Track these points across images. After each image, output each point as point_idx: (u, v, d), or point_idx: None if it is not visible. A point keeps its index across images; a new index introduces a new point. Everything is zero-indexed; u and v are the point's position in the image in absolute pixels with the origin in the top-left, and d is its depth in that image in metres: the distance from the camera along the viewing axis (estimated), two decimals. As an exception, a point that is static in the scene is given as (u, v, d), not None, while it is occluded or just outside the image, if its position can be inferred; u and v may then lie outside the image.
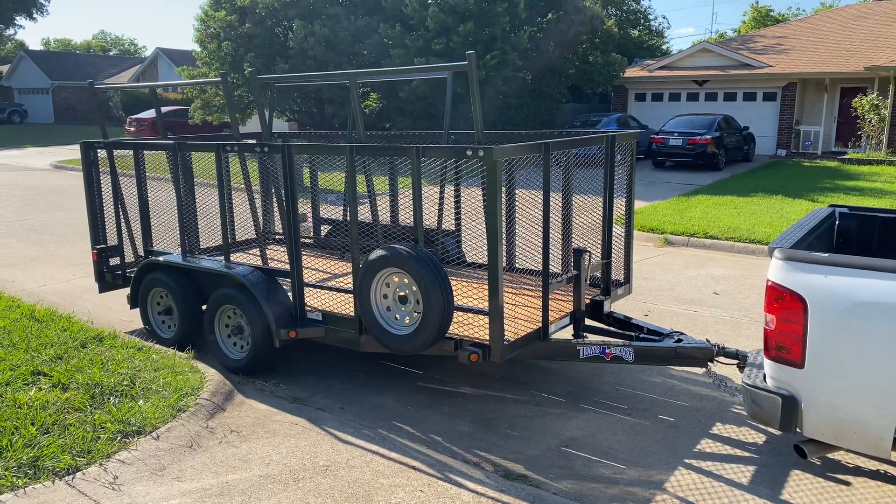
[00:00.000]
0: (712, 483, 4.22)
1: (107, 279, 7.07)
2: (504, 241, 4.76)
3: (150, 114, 31.86)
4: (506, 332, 4.64)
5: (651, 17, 33.72)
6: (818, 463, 4.41)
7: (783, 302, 3.64)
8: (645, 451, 4.59)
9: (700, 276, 9.25)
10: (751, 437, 4.78)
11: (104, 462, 3.90)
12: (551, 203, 4.95)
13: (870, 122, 21.40)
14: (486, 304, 4.58)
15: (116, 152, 6.97)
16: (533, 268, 5.50)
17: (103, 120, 7.18)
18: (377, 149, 5.22)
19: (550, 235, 4.95)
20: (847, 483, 4.20)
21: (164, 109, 32.46)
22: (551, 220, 4.98)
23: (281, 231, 7.64)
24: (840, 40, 25.75)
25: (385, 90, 24.99)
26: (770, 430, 4.85)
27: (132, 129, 31.27)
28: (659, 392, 5.52)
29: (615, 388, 5.60)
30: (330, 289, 5.51)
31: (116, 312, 7.39)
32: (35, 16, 48.18)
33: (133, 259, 7.05)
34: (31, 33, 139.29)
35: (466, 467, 4.33)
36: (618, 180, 5.75)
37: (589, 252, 5.31)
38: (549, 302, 5.03)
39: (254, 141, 7.49)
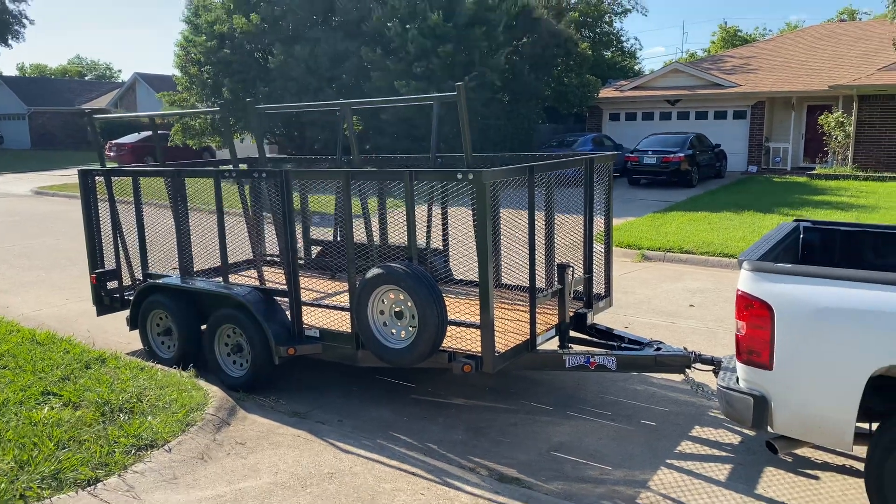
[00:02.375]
0: (692, 481, 4.52)
1: (104, 302, 7.26)
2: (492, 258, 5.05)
3: (130, 139, 31.94)
4: (496, 344, 4.93)
5: (623, 38, 34.60)
6: (789, 460, 4.73)
7: (752, 310, 3.97)
8: (629, 454, 4.89)
9: (676, 289, 9.62)
10: (727, 438, 5.10)
11: (122, 473, 4.11)
12: (535, 221, 5.28)
13: (836, 138, 22.13)
14: (477, 318, 4.89)
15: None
16: (518, 283, 5.82)
17: (101, 148, 7.40)
18: (372, 173, 5.52)
19: (535, 252, 5.27)
20: (816, 477, 4.53)
21: (143, 134, 32.66)
22: (536, 237, 5.30)
23: (273, 253, 7.92)
24: (805, 60, 26.62)
25: (366, 112, 25.34)
26: (744, 431, 5.19)
27: (112, 153, 31.31)
28: (641, 399, 5.83)
29: (599, 396, 5.90)
30: (327, 307, 5.77)
31: (113, 334, 7.57)
32: (10, 42, 48.13)
33: (130, 283, 7.26)
34: (6, 58, 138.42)
35: (463, 472, 4.59)
36: (597, 199, 6.10)
37: (572, 267, 5.64)
38: (536, 315, 5.34)
39: (245, 167, 7.78)
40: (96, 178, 7.19)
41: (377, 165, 8.26)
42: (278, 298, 6.02)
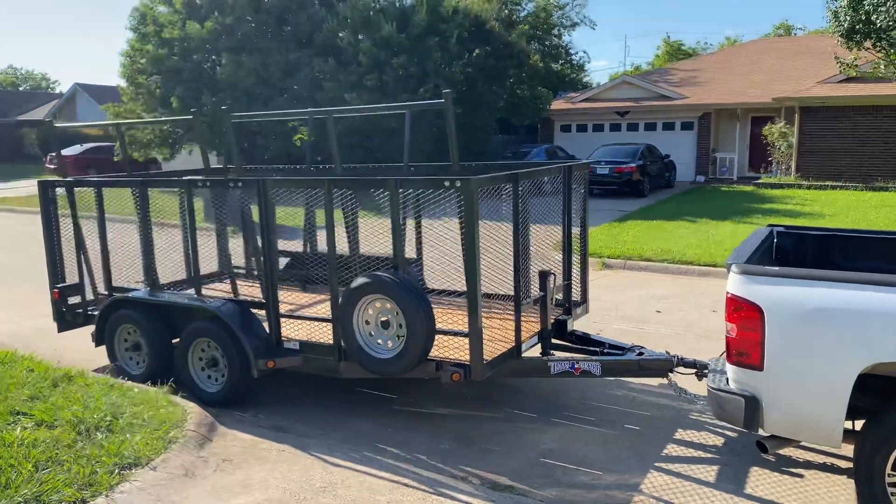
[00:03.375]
0: (682, 483, 4.57)
1: (66, 318, 6.99)
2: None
3: (72, 150, 30.97)
4: (483, 352, 4.91)
5: (572, 51, 35.22)
6: (773, 460, 4.83)
7: (742, 312, 4.05)
8: (617, 458, 4.92)
9: (641, 296, 9.77)
10: (711, 440, 5.18)
11: (109, 493, 3.94)
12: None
13: (779, 148, 22.90)
14: (461, 326, 4.87)
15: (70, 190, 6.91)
16: (496, 291, 5.82)
17: (62, 159, 7.14)
18: (355, 182, 5.45)
19: (519, 259, 5.29)
20: (800, 476, 4.63)
21: (85, 146, 31.72)
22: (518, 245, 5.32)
23: (238, 265, 7.76)
24: (748, 73, 27.52)
25: (318, 122, 25.12)
26: (728, 432, 5.29)
27: (52, 166, 30.30)
28: (622, 404, 5.89)
29: (581, 402, 5.94)
30: (308, 318, 5.67)
31: (75, 352, 7.28)
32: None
33: (92, 297, 7.01)
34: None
35: (455, 481, 4.55)
36: (574, 207, 6.16)
37: (554, 274, 5.67)
38: (509, 322, 5.34)
39: (201, 177, 7.61)
40: (57, 189, 6.92)
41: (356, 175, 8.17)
42: (254, 310, 5.89)
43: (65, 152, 30.41)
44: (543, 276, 5.57)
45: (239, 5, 23.94)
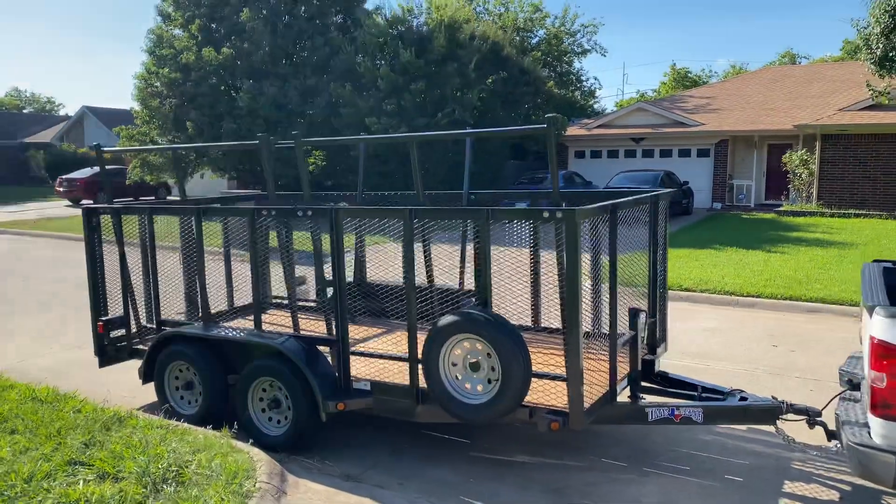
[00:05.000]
0: (810, 545, 4.17)
1: (108, 353, 6.59)
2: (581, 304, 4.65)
3: (82, 174, 30.67)
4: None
5: (583, 78, 35.16)
6: (901, 517, 4.43)
7: (893, 359, 3.68)
8: (729, 515, 4.52)
9: (693, 328, 9.38)
10: (825, 495, 4.77)
11: (198, 562, 3.53)
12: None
13: (800, 176, 22.66)
14: (541, 367, 4.47)
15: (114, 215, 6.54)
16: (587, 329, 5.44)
17: (110, 185, 6.78)
18: (438, 212, 5.10)
19: (601, 296, 4.93)
20: (938, 537, 4.23)
21: (95, 169, 31.41)
22: (604, 279, 4.95)
23: (279, 295, 7.38)
24: (764, 100, 27.39)
25: (334, 148, 24.87)
26: (841, 485, 4.88)
27: (62, 189, 29.99)
28: (714, 451, 5.48)
29: (670, 449, 5.53)
30: (387, 357, 5.28)
31: (114, 386, 6.87)
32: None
33: (136, 330, 6.62)
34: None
35: (560, 542, 4.14)
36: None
37: (645, 311, 5.30)
38: (604, 364, 4.96)
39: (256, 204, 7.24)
40: (101, 216, 6.55)
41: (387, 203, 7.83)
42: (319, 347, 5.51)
43: (75, 176, 30.21)
44: (634, 313, 5.20)
45: (256, 31, 23.80)
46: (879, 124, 21.09)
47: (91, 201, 29.77)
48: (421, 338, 5.10)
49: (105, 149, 6.70)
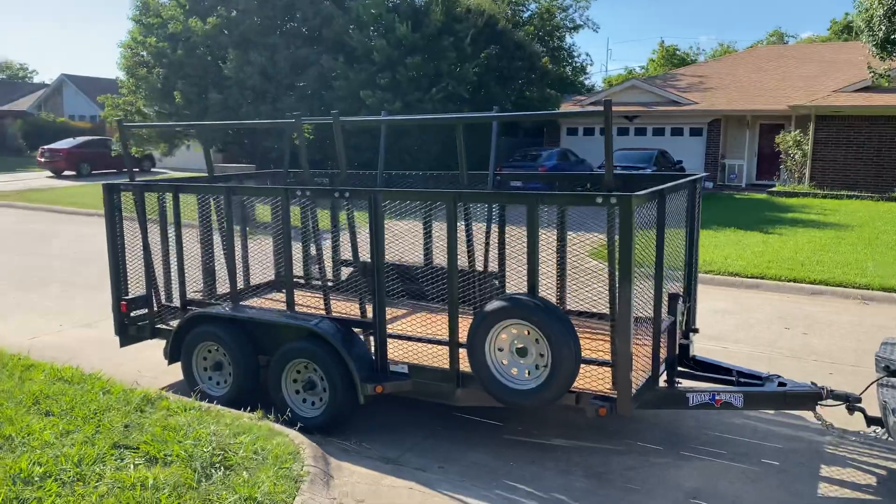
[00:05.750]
0: (856, 530, 4.22)
1: (130, 332, 6.48)
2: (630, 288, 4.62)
3: (64, 144, 30.02)
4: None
5: (575, 54, 34.96)
6: (942, 502, 4.50)
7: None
8: (773, 499, 4.56)
9: (704, 310, 9.40)
10: (863, 479, 4.83)
11: (266, 551, 3.50)
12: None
13: (793, 157, 22.80)
14: (587, 353, 4.46)
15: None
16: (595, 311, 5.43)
17: (130, 161, 6.61)
18: (483, 195, 5.03)
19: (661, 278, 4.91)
20: (980, 522, 4.30)
21: (80, 139, 30.81)
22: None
23: (297, 275, 7.29)
24: (757, 80, 27.45)
25: (326, 124, 24.57)
26: (877, 469, 4.95)
27: (44, 159, 29.37)
28: (747, 434, 5.53)
29: (703, 432, 5.57)
30: (420, 340, 5.23)
31: (131, 366, 6.79)
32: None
33: (157, 310, 6.51)
34: None
35: (612, 527, 4.16)
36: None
37: (682, 296, 5.30)
38: (646, 349, 4.95)
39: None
40: (122, 192, 6.40)
41: (402, 184, 7.74)
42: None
43: (57, 146, 29.57)
44: (673, 298, 5.19)
45: (244, -1, 23.33)
46: (874, 106, 21.24)
47: (74, 172, 29.23)
48: (443, 320, 5.09)
49: (127, 125, 6.51)
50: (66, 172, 29.32)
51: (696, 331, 5.89)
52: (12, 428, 4.69)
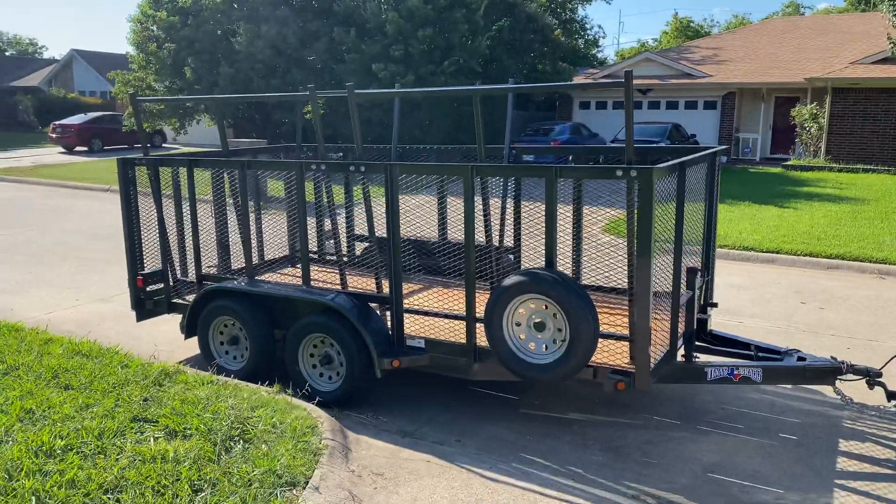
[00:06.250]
0: (876, 504, 4.21)
1: (146, 307, 6.51)
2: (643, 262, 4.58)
3: (75, 120, 30.03)
4: (647, 358, 4.50)
5: (588, 26, 34.51)
6: (962, 477, 4.48)
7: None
8: (791, 474, 4.55)
9: (719, 284, 9.33)
10: (882, 454, 4.81)
11: (287, 523, 3.52)
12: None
13: (808, 130, 22.51)
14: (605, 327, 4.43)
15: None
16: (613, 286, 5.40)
17: (144, 135, 6.58)
18: (502, 168, 4.98)
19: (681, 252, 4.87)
20: None
21: (90, 115, 30.79)
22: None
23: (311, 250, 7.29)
24: (772, 52, 27.04)
25: (333, 97, 24.44)
26: (895, 444, 4.92)
27: (55, 135, 29.40)
28: (764, 409, 5.51)
29: (720, 407, 5.55)
30: (441, 315, 5.22)
31: (148, 340, 6.84)
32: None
33: (173, 284, 6.52)
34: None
35: (631, 502, 4.17)
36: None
37: (700, 270, 5.26)
38: (664, 323, 4.92)
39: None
40: (137, 167, 6.38)
41: (416, 159, 7.70)
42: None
43: (69, 122, 29.58)
44: (691, 272, 5.15)
45: (256, -29, 23.11)
46: (892, 78, 20.88)
47: (85, 148, 29.27)
48: (458, 294, 5.07)
49: (140, 99, 6.48)
50: (78, 148, 29.35)
51: (714, 305, 5.86)
52: (33, 401, 4.73)
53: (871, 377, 4.85)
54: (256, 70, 23.27)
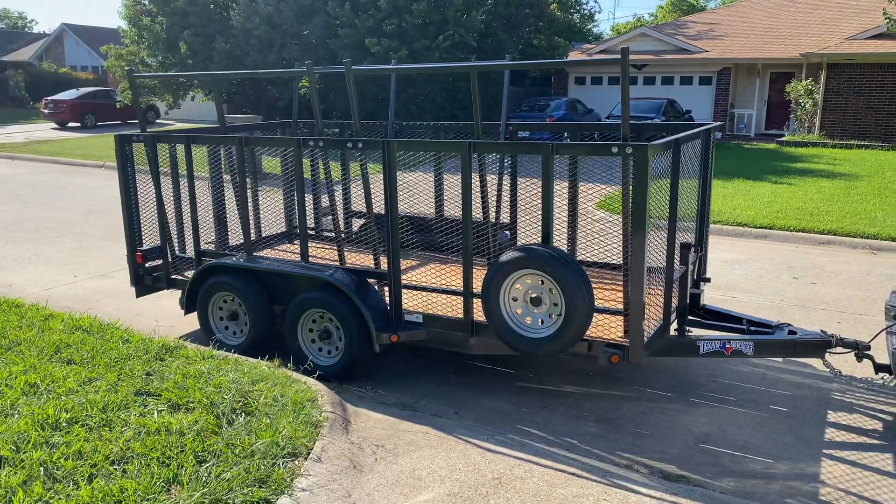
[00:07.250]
0: (862, 473, 4.33)
1: (145, 283, 6.56)
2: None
3: (68, 95, 29.79)
4: (640, 331, 4.58)
5: (583, 1, 34.27)
6: (946, 447, 4.60)
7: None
8: (780, 444, 4.67)
9: (712, 260, 9.45)
10: (869, 424, 4.93)
11: (291, 492, 3.61)
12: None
13: (803, 106, 22.52)
14: (599, 302, 4.50)
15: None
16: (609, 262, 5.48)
17: (141, 111, 6.59)
18: (500, 145, 5.02)
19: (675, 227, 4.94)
20: (983, 465, 4.41)
21: (82, 91, 30.55)
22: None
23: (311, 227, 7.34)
24: (769, 27, 26.94)
25: (330, 74, 24.29)
26: (882, 415, 5.04)
27: (47, 111, 29.20)
28: (754, 382, 5.62)
29: (712, 379, 5.66)
30: (442, 291, 5.29)
31: (148, 316, 6.91)
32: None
33: (171, 260, 6.57)
34: None
35: (622, 471, 4.27)
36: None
37: (694, 245, 5.33)
38: (658, 298, 5.00)
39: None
40: (134, 143, 6.39)
41: (412, 135, 7.71)
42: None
43: (61, 97, 29.35)
44: (685, 248, 5.22)
45: (249, -56, 22.84)
46: (887, 54, 20.86)
47: (78, 123, 29.09)
48: (455, 270, 5.12)
49: (137, 75, 6.48)
50: (71, 124, 29.19)
51: (707, 280, 5.94)
52: (36, 375, 4.80)
53: (860, 350, 4.96)
54: (252, 45, 23.09)
